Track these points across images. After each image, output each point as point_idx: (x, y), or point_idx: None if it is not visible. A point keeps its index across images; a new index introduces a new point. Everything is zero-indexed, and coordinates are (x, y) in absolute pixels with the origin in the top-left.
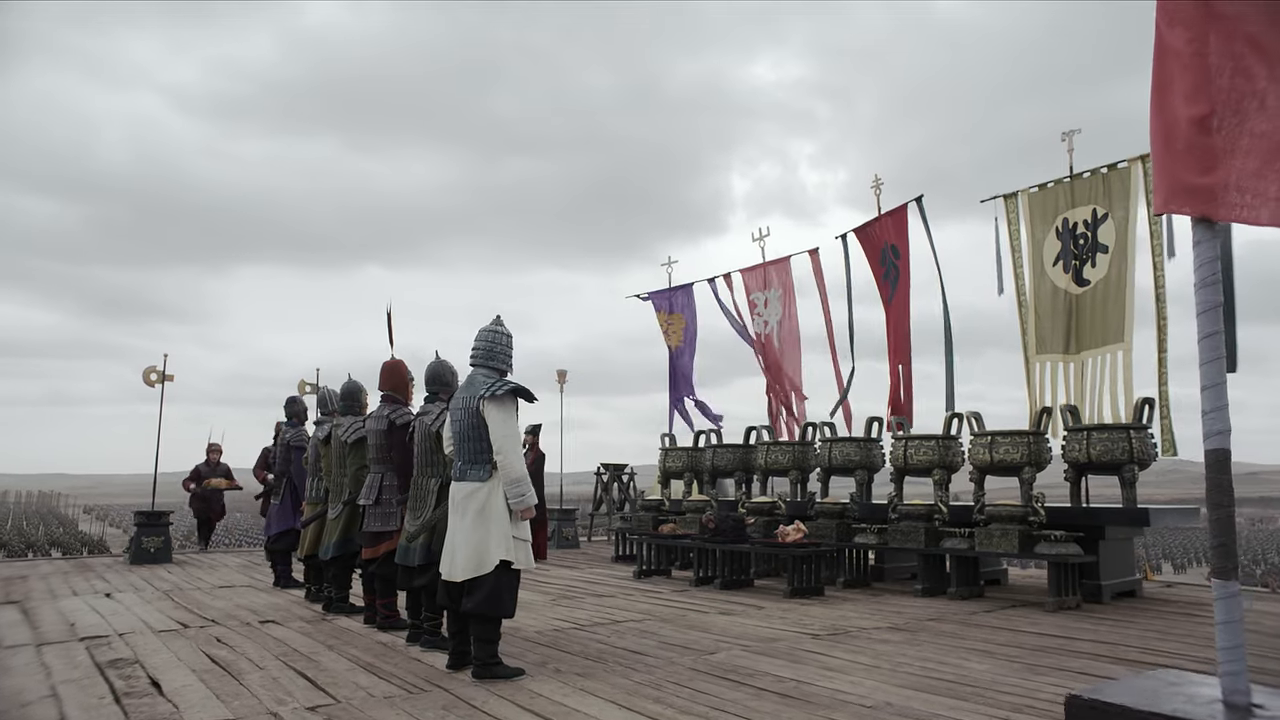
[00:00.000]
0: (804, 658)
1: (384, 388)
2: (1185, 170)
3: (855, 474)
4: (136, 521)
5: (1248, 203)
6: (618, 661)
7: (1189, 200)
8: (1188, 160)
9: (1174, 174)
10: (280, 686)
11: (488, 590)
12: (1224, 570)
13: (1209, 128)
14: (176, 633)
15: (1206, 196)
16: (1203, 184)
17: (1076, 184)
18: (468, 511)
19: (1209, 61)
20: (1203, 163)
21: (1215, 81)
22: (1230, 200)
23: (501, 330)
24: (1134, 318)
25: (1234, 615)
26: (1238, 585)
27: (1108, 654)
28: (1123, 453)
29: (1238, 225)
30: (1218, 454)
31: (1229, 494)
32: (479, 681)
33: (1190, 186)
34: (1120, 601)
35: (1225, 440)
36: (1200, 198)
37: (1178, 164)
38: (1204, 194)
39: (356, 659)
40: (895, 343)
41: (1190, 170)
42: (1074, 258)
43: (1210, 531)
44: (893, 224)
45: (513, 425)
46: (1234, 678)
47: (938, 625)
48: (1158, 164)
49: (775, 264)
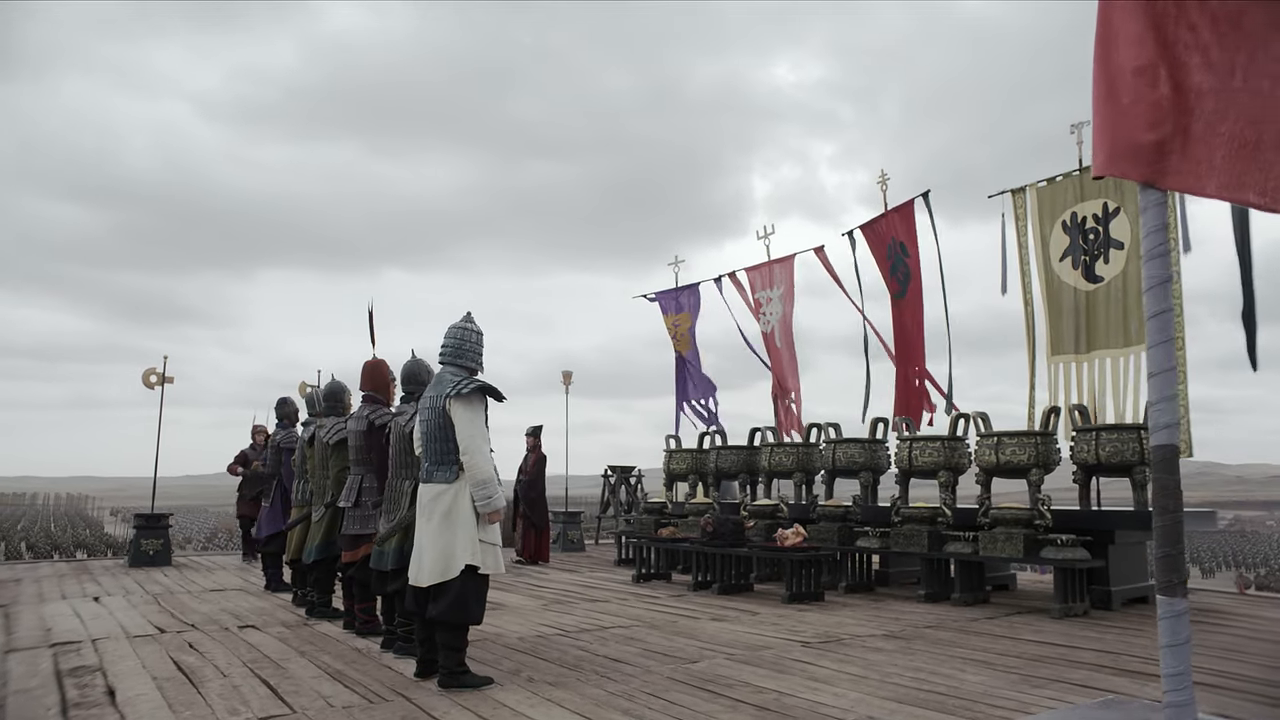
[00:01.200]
0: (790, 667)
1: (364, 388)
2: (1130, 126)
3: (860, 476)
4: (135, 524)
5: (1190, 169)
6: (594, 670)
7: (1134, 162)
8: (1133, 116)
9: (1117, 131)
10: (239, 695)
11: (453, 596)
12: (1170, 585)
13: (1155, 78)
14: (152, 638)
15: (1152, 159)
16: (1149, 142)
17: (1086, 177)
18: (434, 514)
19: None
20: (1149, 118)
21: (1161, 28)
22: (1173, 166)
23: (471, 327)
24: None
25: (1180, 637)
26: (1185, 603)
27: (1110, 665)
28: (1133, 454)
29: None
30: (1164, 451)
31: (1176, 496)
32: (445, 691)
33: (1135, 146)
34: (1132, 608)
35: (1173, 435)
36: (1145, 160)
37: (1122, 120)
38: (1150, 155)
39: (326, 666)
40: (905, 341)
41: (1136, 126)
42: (1084, 253)
43: (1155, 540)
44: (900, 220)
45: (480, 425)
46: (1180, 710)
47: (935, 633)
48: (1100, 120)
49: (779, 262)
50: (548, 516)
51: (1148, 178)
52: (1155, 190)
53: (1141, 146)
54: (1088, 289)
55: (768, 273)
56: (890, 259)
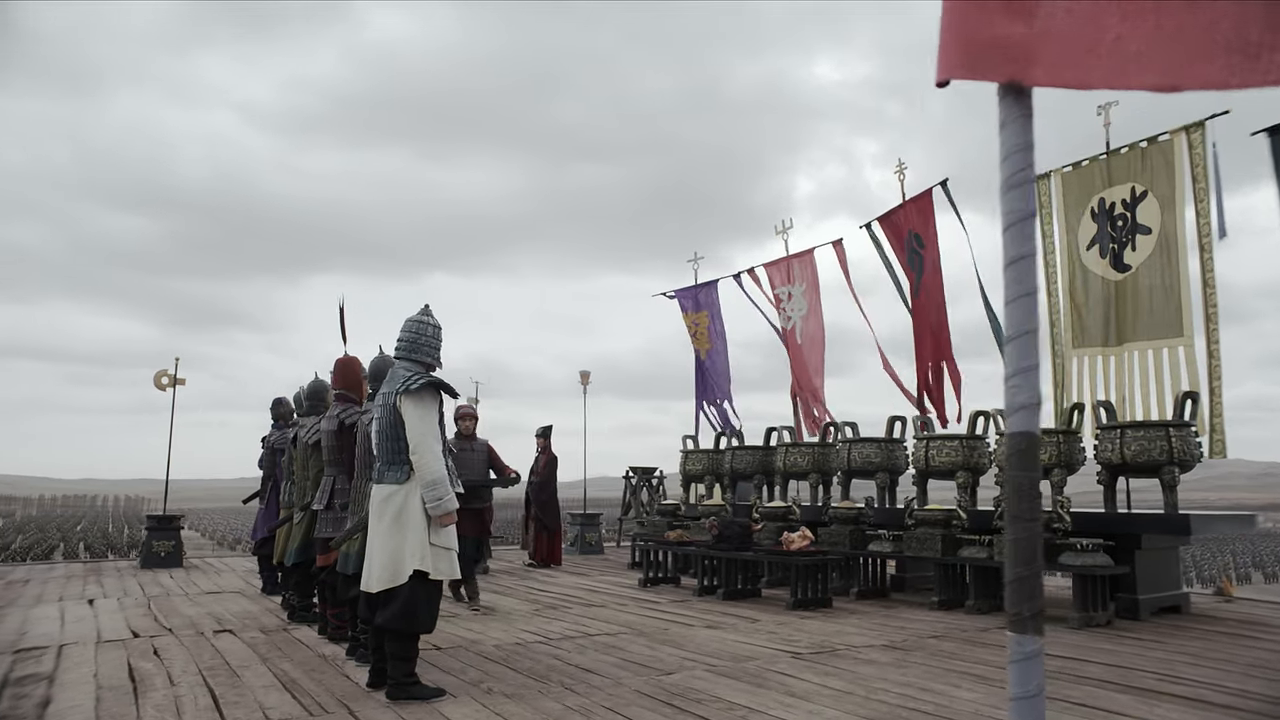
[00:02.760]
0: (770, 681)
1: (336, 386)
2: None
3: (876, 477)
4: (147, 525)
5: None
6: (561, 681)
7: (994, 58)
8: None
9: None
10: (173, 708)
11: (401, 603)
12: (1020, 620)
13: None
14: (121, 643)
15: (1020, 51)
16: (1014, 34)
17: (1113, 160)
18: (385, 516)
19: None
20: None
21: None
22: (1051, 56)
23: (429, 320)
24: (1193, 307)
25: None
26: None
27: (1119, 681)
28: (1161, 453)
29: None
30: (1020, 440)
31: (1033, 500)
32: (392, 703)
33: (995, 39)
34: (1161, 619)
35: (1032, 420)
36: (1010, 54)
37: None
38: (1017, 48)
39: (283, 674)
40: (923, 336)
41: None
42: (1111, 240)
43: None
44: (916, 211)
45: (430, 422)
46: None
47: (938, 643)
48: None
49: (797, 257)
50: (559, 518)
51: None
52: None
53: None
54: (1116, 278)
55: (786, 268)
56: (906, 251)
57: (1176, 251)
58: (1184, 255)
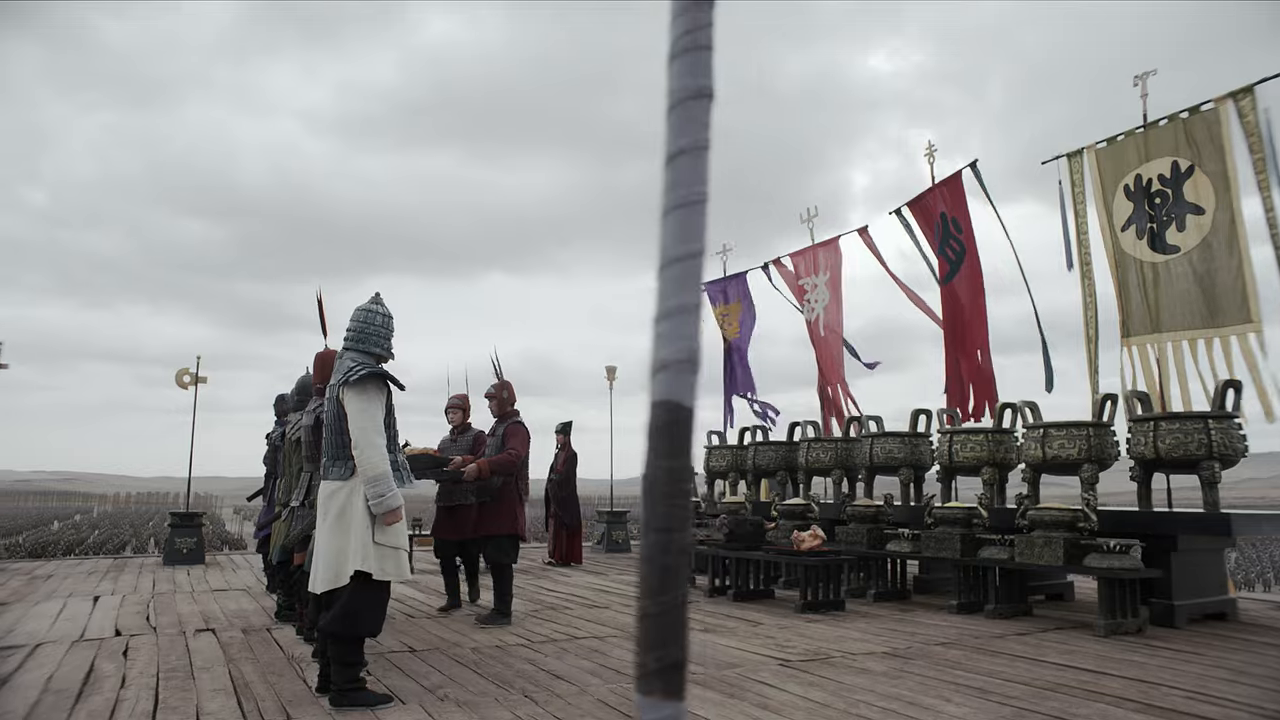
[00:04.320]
0: (746, 691)
1: (316, 381)
2: None
3: (900, 473)
4: (170, 523)
5: None
6: (524, 688)
7: None
8: None
9: None
10: (106, 714)
11: (342, 606)
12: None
13: None
14: (99, 642)
15: None
16: None
17: (1150, 134)
18: (329, 514)
19: None
20: None
21: None
22: None
23: (378, 309)
24: (1257, 289)
25: None
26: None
27: (1138, 699)
28: (1199, 447)
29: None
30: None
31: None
32: (334, 709)
33: None
34: (1201, 626)
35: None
36: None
37: None
38: None
39: (239, 677)
40: (957, 325)
41: None
42: (1150, 220)
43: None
44: (949, 194)
45: (373, 415)
46: None
47: (945, 651)
48: None
49: (823, 246)
50: (580, 516)
51: None
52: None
53: None
54: (1155, 260)
55: (812, 258)
56: (939, 236)
57: (1240, 229)
58: (1244, 235)
